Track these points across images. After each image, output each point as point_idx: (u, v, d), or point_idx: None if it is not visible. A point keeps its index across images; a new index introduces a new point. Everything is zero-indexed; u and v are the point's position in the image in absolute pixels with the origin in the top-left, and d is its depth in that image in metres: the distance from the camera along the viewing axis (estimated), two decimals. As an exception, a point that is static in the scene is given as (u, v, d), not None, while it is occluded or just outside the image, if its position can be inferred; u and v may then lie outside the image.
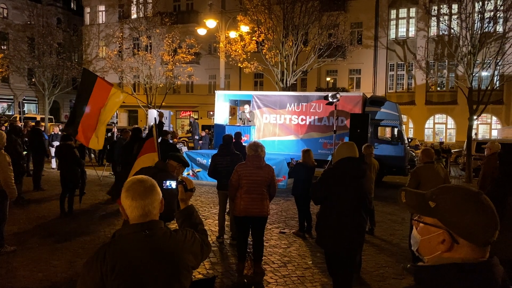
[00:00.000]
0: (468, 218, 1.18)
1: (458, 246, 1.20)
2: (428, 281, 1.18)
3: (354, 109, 13.24)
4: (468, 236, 1.18)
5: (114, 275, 1.71)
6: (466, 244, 1.19)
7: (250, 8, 19.96)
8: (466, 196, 1.22)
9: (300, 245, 6.65)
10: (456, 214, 1.20)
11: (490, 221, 1.19)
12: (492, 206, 1.20)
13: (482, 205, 1.20)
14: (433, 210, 1.24)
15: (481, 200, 1.21)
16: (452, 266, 1.17)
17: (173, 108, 31.51)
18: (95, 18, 38.83)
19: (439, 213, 1.22)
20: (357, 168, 3.80)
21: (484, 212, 1.19)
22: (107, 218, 8.15)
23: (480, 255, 1.19)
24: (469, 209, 1.19)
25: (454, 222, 1.20)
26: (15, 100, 38.90)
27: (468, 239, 1.18)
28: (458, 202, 1.21)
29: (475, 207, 1.19)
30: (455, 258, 1.19)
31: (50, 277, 5.03)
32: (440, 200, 1.24)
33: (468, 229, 1.18)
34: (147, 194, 1.82)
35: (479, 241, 1.18)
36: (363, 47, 28.65)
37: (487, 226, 1.18)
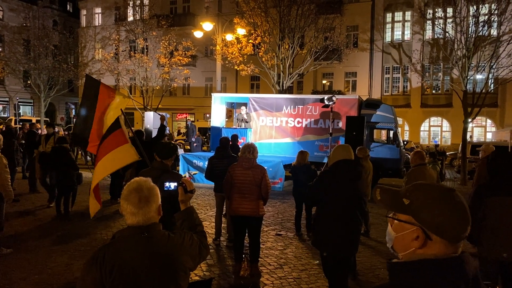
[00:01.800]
0: (441, 215, 1.21)
1: (431, 243, 1.22)
2: (401, 277, 1.20)
3: (350, 111, 13.31)
4: (441, 232, 1.21)
5: (113, 276, 1.74)
6: (439, 241, 1.21)
7: (246, 11, 20.04)
8: (438, 194, 1.24)
9: (296, 247, 6.68)
10: (429, 211, 1.22)
11: (462, 217, 1.22)
12: (464, 203, 1.24)
13: (454, 202, 1.23)
14: (407, 207, 1.26)
15: (454, 197, 1.24)
16: (425, 262, 1.19)
17: (170, 110, 31.53)
18: (92, 20, 38.78)
19: (412, 210, 1.24)
20: (353, 170, 3.84)
21: (456, 209, 1.22)
22: (103, 221, 8.14)
23: (452, 251, 1.21)
24: (442, 206, 1.22)
25: (427, 219, 1.22)
26: (10, 102, 38.71)
27: (440, 235, 1.21)
28: (431, 199, 1.24)
29: (447, 204, 1.22)
30: (428, 254, 1.22)
31: (47, 279, 5.03)
32: (414, 197, 1.26)
33: (441, 226, 1.21)
34: (144, 204, 1.86)
35: (451, 237, 1.21)
36: (359, 50, 28.80)
37: (459, 223, 1.21)
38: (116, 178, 9.77)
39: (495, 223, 3.43)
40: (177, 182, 2.26)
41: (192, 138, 20.55)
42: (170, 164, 4.09)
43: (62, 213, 8.16)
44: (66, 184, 8.16)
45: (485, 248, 3.53)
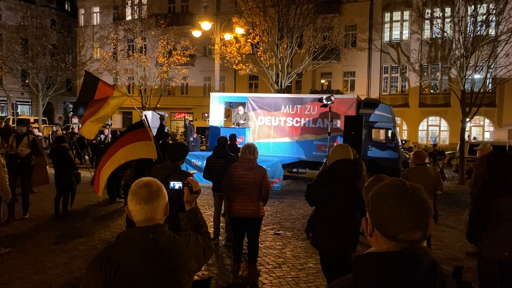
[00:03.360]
0: (380, 210, 1.22)
1: (376, 236, 1.25)
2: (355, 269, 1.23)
3: (348, 111, 13.32)
4: (378, 226, 1.23)
5: (117, 277, 1.73)
6: (379, 235, 1.23)
7: (245, 11, 20.03)
8: (386, 189, 1.24)
9: (294, 247, 6.69)
10: (372, 203, 1.25)
11: (403, 218, 1.18)
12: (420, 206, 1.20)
13: (402, 200, 1.20)
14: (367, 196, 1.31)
15: (404, 196, 1.21)
16: (368, 255, 1.23)
17: (168, 110, 31.48)
18: (90, 20, 38.71)
19: (368, 200, 1.29)
20: (352, 169, 3.84)
21: (398, 207, 1.19)
22: (101, 220, 8.13)
23: (392, 249, 1.21)
24: (384, 201, 1.22)
25: (370, 210, 1.26)
26: (8, 102, 38.60)
27: (378, 229, 1.23)
28: (378, 192, 1.25)
29: (390, 200, 1.21)
30: (374, 248, 1.26)
31: (45, 279, 5.02)
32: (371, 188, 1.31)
33: (378, 219, 1.23)
34: (152, 199, 1.84)
35: (387, 234, 1.21)
36: (357, 49, 28.83)
37: (396, 222, 1.19)
38: (115, 178, 9.74)
39: (497, 222, 3.44)
40: (182, 182, 2.24)
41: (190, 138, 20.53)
42: (181, 164, 4.16)
43: (60, 212, 8.14)
44: (64, 183, 8.15)
45: (486, 247, 3.54)
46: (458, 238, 7.41)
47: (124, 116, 37.78)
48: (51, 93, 28.59)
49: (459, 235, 7.40)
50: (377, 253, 1.22)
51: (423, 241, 1.22)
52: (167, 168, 4.03)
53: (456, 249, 6.88)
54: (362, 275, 1.20)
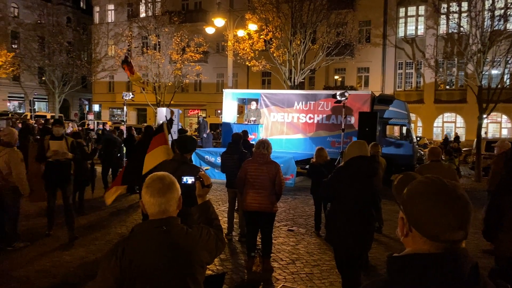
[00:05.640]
0: (419, 209, 1.18)
1: (413, 236, 1.21)
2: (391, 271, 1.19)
3: (362, 107, 13.22)
4: (416, 226, 1.19)
5: (132, 269, 1.77)
6: (418, 235, 1.19)
7: (258, 7, 19.99)
8: (425, 187, 1.20)
9: (308, 243, 6.69)
10: (410, 202, 1.21)
11: (445, 217, 1.14)
12: (462, 204, 1.16)
13: (444, 199, 1.16)
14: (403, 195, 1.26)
15: (445, 194, 1.17)
16: (408, 257, 1.18)
17: (182, 106, 31.67)
18: (104, 17, 39.11)
19: (403, 199, 1.25)
20: (368, 166, 3.82)
21: (440, 206, 1.15)
22: (117, 215, 8.27)
23: (433, 249, 1.16)
24: (424, 200, 1.18)
25: (407, 210, 1.22)
26: (26, 98, 39.34)
27: (417, 229, 1.19)
28: (416, 191, 1.21)
29: (431, 199, 1.17)
30: (411, 249, 1.21)
31: (63, 272, 5.13)
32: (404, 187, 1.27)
33: (417, 219, 1.18)
34: (166, 192, 1.89)
35: (427, 234, 1.16)
36: (371, 45, 28.54)
37: (438, 222, 1.15)
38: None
39: None
40: (195, 176, 2.28)
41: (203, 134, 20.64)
42: (189, 157, 4.21)
43: (76, 207, 8.28)
44: (80, 178, 8.28)
45: (503, 246, 3.50)
46: (474, 236, 7.29)
47: (138, 112, 38.15)
48: (67, 90, 29.01)
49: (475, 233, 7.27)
50: (418, 254, 1.17)
51: (464, 241, 1.18)
52: (175, 162, 4.07)
53: (471, 247, 6.79)
54: (399, 277, 1.15)
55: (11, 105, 41.39)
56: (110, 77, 36.43)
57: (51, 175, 6.26)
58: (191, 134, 22.43)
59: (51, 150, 6.15)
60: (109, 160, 10.68)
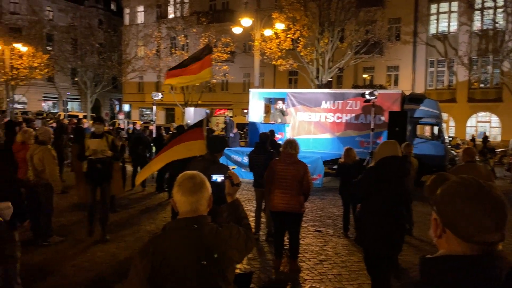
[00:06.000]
0: (454, 210, 1.14)
1: (447, 238, 1.18)
2: (424, 272, 1.17)
3: (392, 106, 12.94)
4: (451, 227, 1.16)
5: (163, 267, 1.79)
6: (452, 237, 1.16)
7: (285, 6, 19.94)
8: (460, 188, 1.17)
9: (336, 244, 6.61)
10: (444, 202, 1.18)
11: (482, 219, 1.11)
12: (499, 205, 1.12)
13: (480, 200, 1.12)
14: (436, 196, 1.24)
15: (482, 195, 1.13)
16: (442, 258, 1.15)
17: (209, 106, 31.99)
18: (134, 19, 39.98)
19: (436, 199, 1.22)
20: (400, 167, 3.73)
21: (476, 207, 1.12)
22: (146, 212, 8.42)
23: (468, 251, 1.13)
24: (459, 201, 1.14)
25: (441, 211, 1.19)
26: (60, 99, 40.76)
27: (451, 230, 1.16)
28: (451, 191, 1.18)
29: (467, 199, 1.13)
30: (445, 251, 1.18)
31: (95, 267, 5.27)
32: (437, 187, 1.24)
33: (452, 220, 1.15)
34: (196, 191, 1.91)
35: (462, 235, 1.13)
36: (401, 43, 27.92)
37: (475, 223, 1.11)
38: (162, 171, 10.13)
39: None
40: (224, 175, 2.29)
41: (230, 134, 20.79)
42: (219, 157, 4.25)
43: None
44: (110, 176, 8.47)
45: None
46: (510, 240, 7.02)
47: (167, 112, 38.79)
48: (99, 90, 29.89)
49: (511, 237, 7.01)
50: (452, 256, 1.15)
51: (500, 243, 1.14)
52: (205, 161, 4.12)
53: (508, 251, 6.52)
54: (432, 280, 1.13)
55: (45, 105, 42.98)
56: (140, 78, 37.22)
57: (92, 173, 6.26)
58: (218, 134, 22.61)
59: (90, 149, 6.18)
60: (138, 159, 10.91)
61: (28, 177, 5.96)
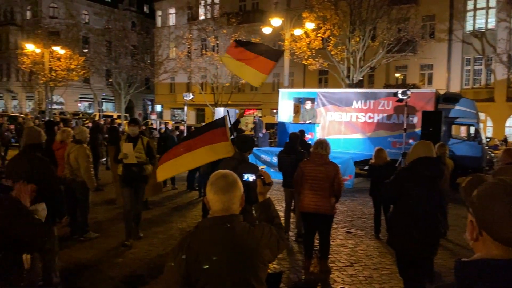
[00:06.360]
0: (492, 212, 1.10)
1: (484, 241, 1.14)
2: (460, 276, 1.13)
3: (426, 106, 12.60)
4: (488, 230, 1.12)
5: (197, 264, 1.82)
6: (489, 240, 1.12)
7: (315, 5, 19.78)
8: (499, 189, 1.13)
9: (367, 246, 6.51)
10: (482, 205, 1.14)
11: None
12: None
13: None
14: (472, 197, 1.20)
15: None
16: (479, 262, 1.12)
17: (238, 106, 32.17)
18: (166, 21, 40.77)
19: (472, 201, 1.18)
20: (434, 168, 3.63)
21: None
22: (177, 210, 8.58)
23: (506, 255, 1.09)
24: (498, 203, 1.10)
25: (478, 213, 1.15)
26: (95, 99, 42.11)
27: (488, 233, 1.12)
28: (488, 193, 1.14)
29: (505, 201, 1.09)
30: (482, 254, 1.15)
31: (129, 263, 5.42)
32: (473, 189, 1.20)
33: (489, 223, 1.11)
34: (229, 190, 1.92)
35: (500, 238, 1.09)
36: (435, 41, 27.08)
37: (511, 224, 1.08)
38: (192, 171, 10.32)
39: None
40: (256, 174, 2.31)
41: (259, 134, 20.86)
42: (247, 156, 4.30)
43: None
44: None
45: None
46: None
47: (197, 112, 39.31)
48: (132, 91, 30.64)
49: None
50: (489, 260, 1.12)
51: None
52: (234, 160, 4.16)
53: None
54: (469, 284, 1.10)
55: (81, 106, 44.56)
56: (171, 79, 37.88)
57: (127, 177, 6.11)
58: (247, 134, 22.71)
59: (122, 153, 6.09)
60: None
61: (64, 175, 6.20)
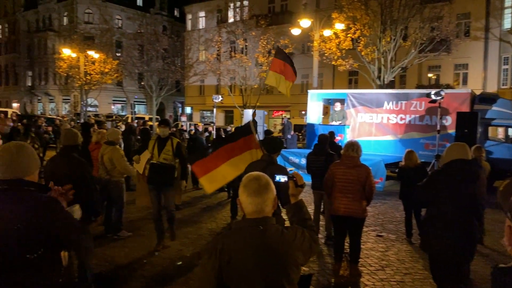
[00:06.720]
0: None
1: None
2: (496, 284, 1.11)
3: (460, 107, 12.20)
4: None
5: (230, 266, 1.85)
6: None
7: (345, 5, 19.54)
8: None
9: (399, 250, 6.37)
10: None
11: None
12: None
13: None
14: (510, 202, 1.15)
15: None
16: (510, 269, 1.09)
17: (266, 108, 32.24)
18: (196, 24, 41.38)
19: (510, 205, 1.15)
20: (469, 171, 3.52)
21: None
22: (207, 211, 8.69)
23: None
24: None
25: None
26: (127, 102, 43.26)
27: None
28: None
29: None
30: None
31: (161, 262, 5.54)
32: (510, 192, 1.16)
33: None
34: (262, 192, 1.93)
35: None
36: (471, 39, 26.17)
37: None
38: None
39: None
40: (287, 175, 2.31)
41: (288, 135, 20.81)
42: (276, 158, 4.31)
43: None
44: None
45: None
46: None
47: (226, 114, 39.66)
48: (163, 93, 31.26)
49: None
50: None
51: None
52: (263, 162, 4.18)
53: None
54: None
55: (115, 108, 45.89)
56: (201, 81, 38.40)
57: (153, 177, 5.84)
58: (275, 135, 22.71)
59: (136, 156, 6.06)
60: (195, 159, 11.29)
61: (100, 175, 6.42)
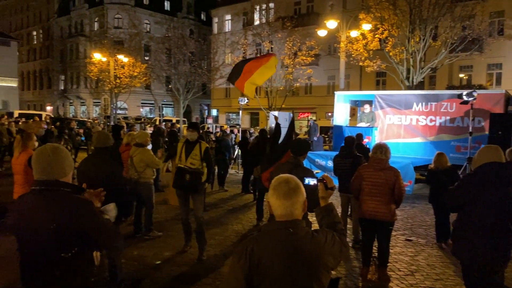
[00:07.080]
0: None
1: None
2: None
3: (494, 108, 11.78)
4: None
5: (260, 268, 1.85)
6: None
7: (373, 6, 19.27)
8: None
9: (429, 255, 6.22)
10: None
11: None
12: None
13: None
14: None
15: None
16: None
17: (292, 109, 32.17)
18: (222, 27, 41.79)
19: None
20: (503, 174, 3.40)
21: None
22: (233, 213, 8.74)
23: None
24: None
25: None
26: (156, 105, 44.10)
27: None
28: None
29: None
30: None
31: (188, 262, 5.62)
32: None
33: None
34: (291, 195, 1.92)
35: None
36: (505, 38, 25.28)
37: None
38: (247, 173, 10.50)
39: None
40: (317, 178, 2.31)
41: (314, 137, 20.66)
42: (302, 160, 4.29)
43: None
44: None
45: None
46: None
47: (251, 116, 39.81)
48: (190, 96, 31.68)
49: None
50: None
51: None
52: (289, 164, 4.16)
53: None
54: None
55: (143, 111, 46.89)
56: (227, 84, 38.80)
57: (179, 181, 5.62)
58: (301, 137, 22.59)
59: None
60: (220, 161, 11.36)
61: (130, 175, 6.57)
